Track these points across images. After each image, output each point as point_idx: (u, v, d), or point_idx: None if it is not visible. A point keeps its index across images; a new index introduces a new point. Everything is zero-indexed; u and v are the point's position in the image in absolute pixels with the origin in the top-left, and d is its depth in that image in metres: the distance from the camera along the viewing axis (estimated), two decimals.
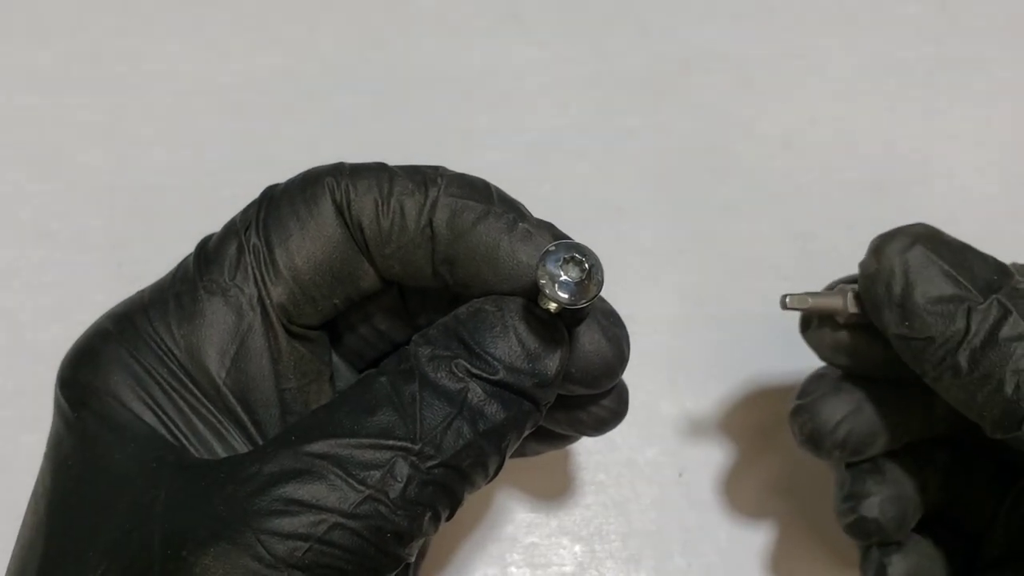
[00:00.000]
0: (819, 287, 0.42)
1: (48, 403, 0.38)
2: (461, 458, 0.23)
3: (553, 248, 0.23)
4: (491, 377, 0.23)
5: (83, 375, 0.25)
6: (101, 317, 0.26)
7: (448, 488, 0.23)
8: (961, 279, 0.26)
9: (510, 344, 0.24)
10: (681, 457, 0.38)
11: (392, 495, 0.22)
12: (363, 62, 0.46)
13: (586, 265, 0.23)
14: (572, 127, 0.44)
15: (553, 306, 0.24)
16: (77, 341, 0.26)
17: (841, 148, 0.44)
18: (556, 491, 0.38)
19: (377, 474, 0.22)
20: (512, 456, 0.33)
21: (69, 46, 0.45)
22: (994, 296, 0.25)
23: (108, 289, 0.40)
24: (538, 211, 0.43)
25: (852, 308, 0.28)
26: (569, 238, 0.26)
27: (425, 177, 0.26)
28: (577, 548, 0.37)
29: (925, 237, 0.27)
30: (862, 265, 0.28)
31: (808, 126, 0.45)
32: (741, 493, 0.38)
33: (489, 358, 0.23)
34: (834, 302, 0.29)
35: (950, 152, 0.44)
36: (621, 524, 0.37)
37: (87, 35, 0.45)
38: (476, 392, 0.23)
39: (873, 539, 0.31)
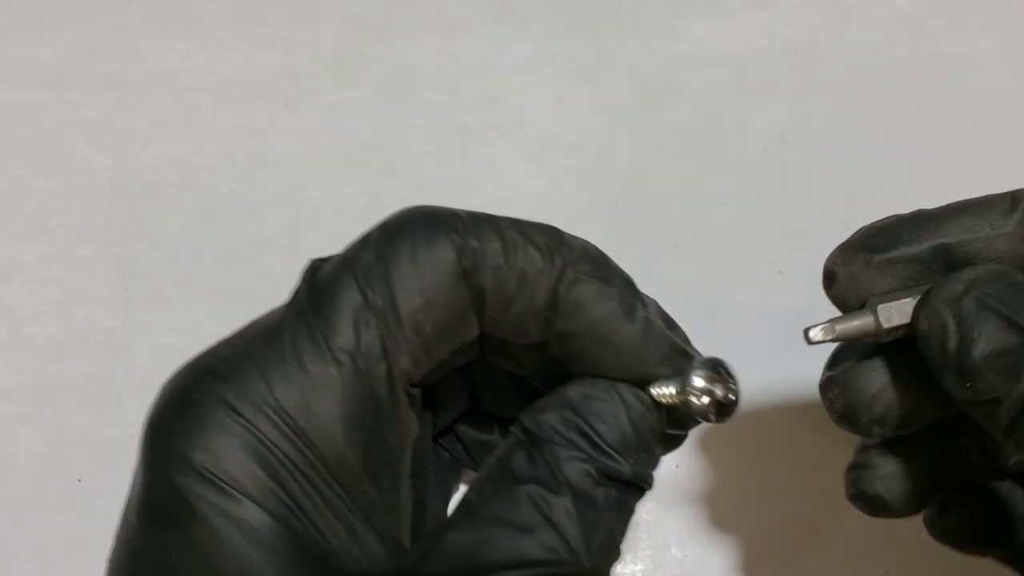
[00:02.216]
0: (814, 282, 0.42)
1: (48, 398, 0.38)
2: (611, 566, 0.23)
3: (702, 362, 0.24)
4: (623, 479, 0.23)
5: (202, 459, 0.21)
6: (197, 376, 0.23)
7: None
8: None
9: (627, 436, 0.24)
10: (678, 449, 0.39)
11: None
12: (361, 58, 0.46)
13: (731, 385, 0.24)
14: (569, 122, 0.44)
15: (665, 398, 0.24)
16: (177, 409, 0.22)
17: (836, 143, 0.44)
18: None
19: None
20: None
21: (69, 42, 0.45)
22: None
23: (107, 284, 0.41)
24: (536, 207, 0.43)
25: (887, 324, 0.25)
26: (677, 326, 0.27)
27: (549, 245, 0.25)
28: None
29: (980, 281, 0.23)
30: (914, 319, 0.24)
31: (803, 121, 0.45)
32: (738, 485, 0.38)
33: (616, 455, 0.23)
34: (865, 324, 0.25)
35: (945, 148, 0.45)
36: None
37: (87, 31, 0.46)
38: (611, 495, 0.23)
39: (881, 515, 0.29)
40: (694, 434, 0.39)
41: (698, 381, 0.24)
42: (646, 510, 0.38)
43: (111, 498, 0.37)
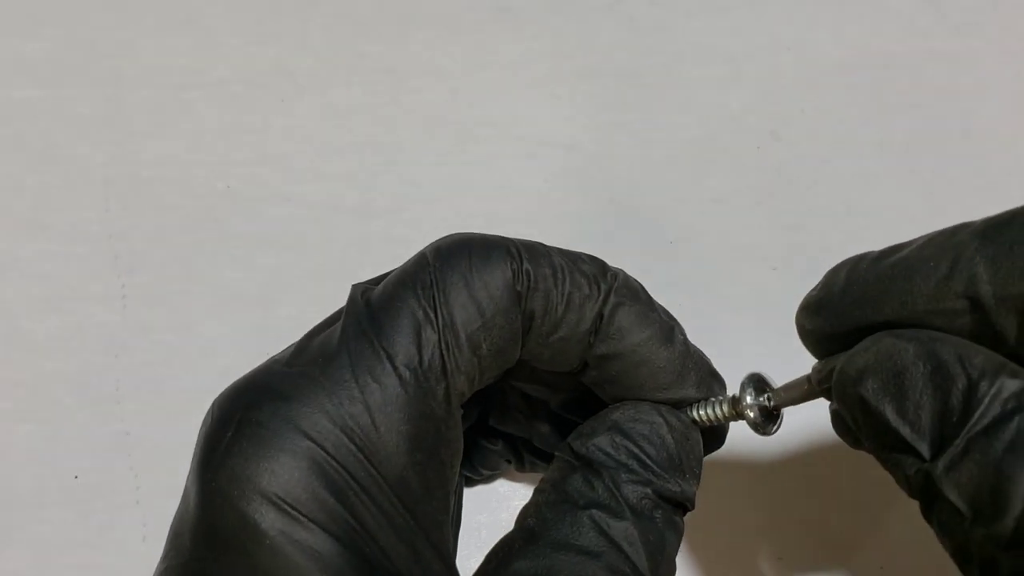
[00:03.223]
0: (809, 279, 0.42)
1: (45, 395, 0.39)
2: None
3: (748, 379, 0.25)
4: (676, 497, 0.24)
5: (268, 485, 0.20)
6: (258, 397, 0.22)
7: None
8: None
9: (673, 456, 0.24)
10: None
11: None
12: (356, 55, 0.46)
13: (774, 394, 0.25)
14: (564, 120, 0.45)
15: (704, 417, 0.25)
16: (238, 430, 0.21)
17: (830, 139, 0.45)
18: None
19: None
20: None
21: (64, 38, 0.45)
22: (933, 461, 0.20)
23: (104, 281, 0.41)
24: (532, 204, 0.43)
25: (821, 386, 0.25)
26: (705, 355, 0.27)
27: (595, 273, 0.25)
28: None
29: (869, 371, 0.22)
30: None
31: (797, 118, 0.45)
32: (732, 479, 0.38)
33: (666, 475, 0.24)
34: (802, 385, 0.26)
35: (938, 144, 0.45)
36: None
37: (82, 27, 0.46)
38: (666, 515, 0.24)
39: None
40: None
41: (750, 398, 0.25)
42: None
43: (108, 495, 0.37)
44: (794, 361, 0.40)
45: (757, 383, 0.25)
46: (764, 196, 0.43)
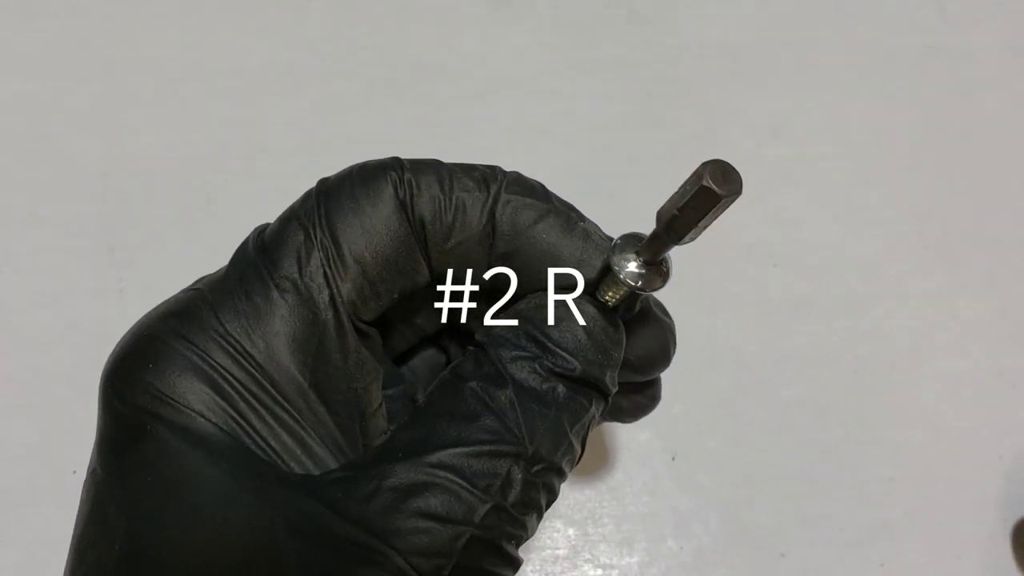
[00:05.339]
0: (808, 275, 0.42)
1: (41, 390, 0.38)
2: (560, 456, 0.23)
3: (624, 237, 0.24)
4: (572, 374, 0.24)
5: (151, 381, 0.23)
6: (154, 317, 0.24)
7: (550, 486, 0.23)
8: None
9: (579, 338, 0.24)
10: (674, 441, 0.39)
11: (511, 501, 0.22)
12: (354, 49, 0.46)
13: (642, 247, 0.23)
14: (564, 114, 0.44)
15: (610, 297, 0.24)
16: (132, 342, 0.24)
17: (830, 136, 0.45)
18: None
19: (497, 482, 0.22)
20: None
21: (60, 31, 0.45)
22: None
23: (100, 274, 0.40)
24: None
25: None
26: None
27: (484, 175, 0.25)
28: (571, 531, 0.38)
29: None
30: None
31: (797, 114, 0.45)
32: (732, 477, 0.38)
33: (566, 354, 0.24)
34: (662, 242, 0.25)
35: (938, 140, 0.45)
36: (614, 507, 0.38)
37: (78, 21, 0.45)
38: (561, 390, 0.23)
39: None
40: (689, 427, 0.39)
41: (628, 266, 0.23)
42: (641, 502, 0.38)
43: None
44: (795, 356, 0.41)
45: (628, 240, 0.24)
46: (765, 192, 0.43)
